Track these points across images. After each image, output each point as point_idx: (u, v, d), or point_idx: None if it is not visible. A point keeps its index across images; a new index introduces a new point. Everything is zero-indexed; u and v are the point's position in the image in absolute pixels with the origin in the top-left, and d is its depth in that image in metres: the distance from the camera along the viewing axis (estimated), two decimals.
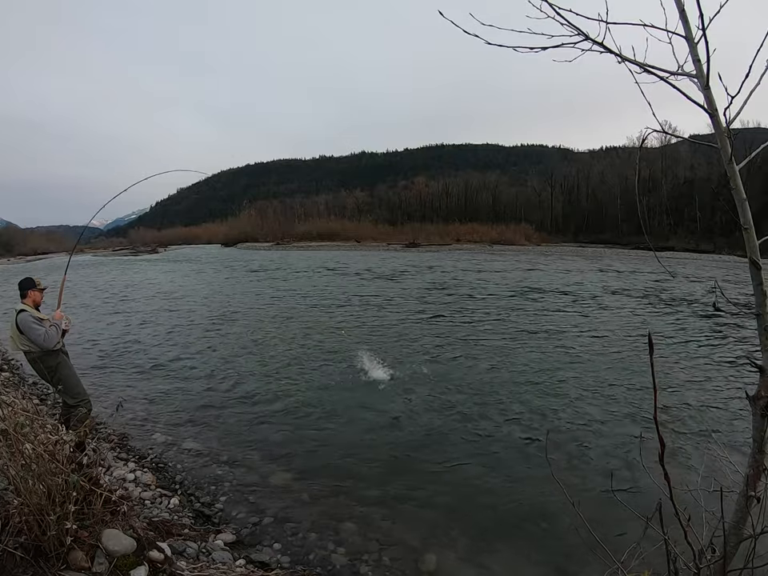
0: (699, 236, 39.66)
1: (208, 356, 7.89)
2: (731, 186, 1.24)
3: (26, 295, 3.84)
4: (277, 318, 11.29)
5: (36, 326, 3.62)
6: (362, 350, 7.47)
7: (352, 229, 59.36)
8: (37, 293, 3.92)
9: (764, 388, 1.24)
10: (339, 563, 2.96)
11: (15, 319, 3.67)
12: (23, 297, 3.84)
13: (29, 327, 3.61)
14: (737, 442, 4.48)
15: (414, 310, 12.06)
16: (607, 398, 5.76)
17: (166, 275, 24.25)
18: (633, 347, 8.09)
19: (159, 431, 4.90)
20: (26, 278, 3.95)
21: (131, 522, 2.27)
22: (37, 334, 3.61)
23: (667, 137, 39.16)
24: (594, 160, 64.21)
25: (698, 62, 1.23)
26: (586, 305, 12.68)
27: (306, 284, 18.46)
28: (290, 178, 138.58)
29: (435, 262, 28.68)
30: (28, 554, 1.86)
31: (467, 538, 3.19)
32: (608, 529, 2.89)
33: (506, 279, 19.11)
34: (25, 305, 3.78)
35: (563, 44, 1.34)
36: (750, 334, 8.91)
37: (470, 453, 4.42)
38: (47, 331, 3.65)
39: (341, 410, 5.46)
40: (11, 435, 1.98)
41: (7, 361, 7.47)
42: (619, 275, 20.81)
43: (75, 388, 3.83)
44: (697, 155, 46.17)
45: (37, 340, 3.61)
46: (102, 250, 60.08)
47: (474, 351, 7.94)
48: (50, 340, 3.65)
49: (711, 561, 1.38)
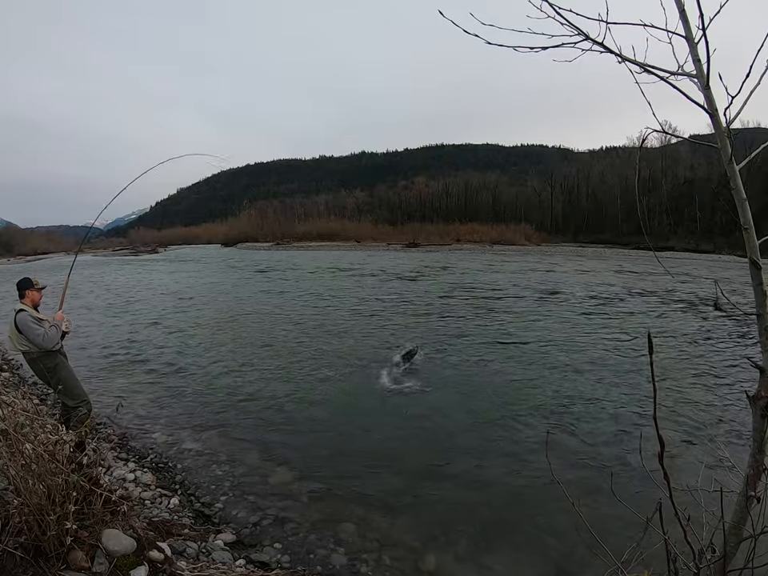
0: (699, 236, 39.64)
1: (209, 356, 7.89)
2: (731, 186, 1.24)
3: (24, 295, 3.82)
4: (280, 318, 11.29)
5: (35, 326, 3.60)
6: (363, 350, 7.47)
7: (352, 229, 59.35)
8: (35, 292, 3.89)
9: (764, 388, 1.24)
10: (339, 563, 2.96)
11: (14, 319, 3.66)
12: (21, 297, 3.82)
13: (27, 327, 3.59)
14: (737, 442, 4.48)
15: (422, 311, 12.06)
16: (607, 397, 5.76)
17: (168, 275, 24.24)
18: (633, 347, 8.09)
19: (159, 431, 4.90)
20: (24, 278, 3.93)
21: (131, 522, 2.27)
22: (36, 333, 3.59)
23: (667, 137, 39.16)
24: (593, 160, 64.17)
25: (698, 61, 1.23)
26: (586, 304, 12.68)
27: (317, 285, 18.28)
28: (289, 177, 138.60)
29: (446, 263, 28.66)
30: (28, 554, 1.86)
31: (467, 538, 3.19)
32: (608, 529, 2.89)
33: (526, 280, 19.06)
34: (23, 305, 3.76)
35: (563, 44, 1.34)
36: (750, 334, 8.91)
37: (470, 453, 4.42)
38: (46, 331, 3.63)
39: (341, 410, 5.47)
40: (11, 435, 1.98)
41: (7, 361, 7.47)
42: (624, 275, 20.81)
43: (74, 389, 3.81)
44: (697, 155, 46.16)
45: (35, 340, 3.59)
46: (102, 250, 60.06)
47: (476, 351, 7.94)
48: (49, 340, 3.63)
49: (711, 561, 1.38)
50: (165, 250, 54.70)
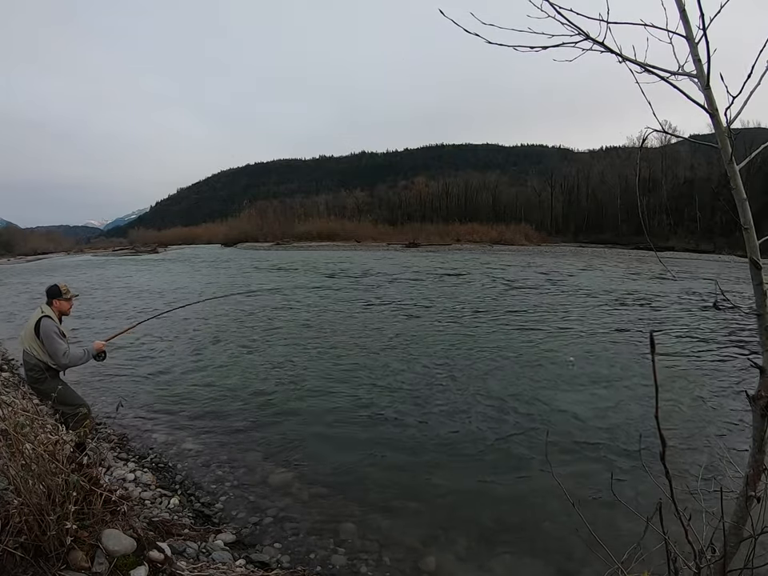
0: (699, 236, 39.69)
1: (209, 356, 7.89)
2: (731, 186, 1.24)
3: (51, 303, 3.59)
4: (280, 318, 11.29)
5: (58, 339, 3.38)
6: (363, 350, 7.47)
7: (352, 229, 59.38)
8: (63, 302, 3.62)
9: (764, 388, 1.24)
10: (339, 563, 2.95)
11: (37, 321, 3.41)
12: (49, 304, 3.59)
13: (50, 338, 3.36)
14: (737, 441, 4.48)
15: (421, 312, 12.06)
16: (607, 397, 5.75)
17: (169, 276, 24.24)
18: (633, 346, 8.09)
19: (159, 431, 4.89)
20: (53, 286, 3.66)
21: (131, 522, 2.27)
22: (57, 348, 3.35)
23: (667, 137, 39.17)
24: (593, 160, 64.26)
25: (699, 61, 1.23)
26: (586, 303, 12.68)
27: (315, 285, 18.42)
28: (289, 177, 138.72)
29: (445, 261, 28.67)
30: (28, 554, 1.86)
31: (467, 539, 3.18)
32: (608, 529, 2.89)
33: (525, 279, 19.08)
34: (51, 311, 3.53)
35: (564, 44, 1.34)
36: (750, 334, 8.91)
37: (471, 453, 4.42)
38: (70, 351, 3.41)
39: (341, 410, 5.46)
40: (11, 435, 1.98)
41: (7, 361, 7.47)
42: (624, 274, 20.81)
43: (69, 399, 3.55)
44: (697, 155, 46.21)
45: (55, 354, 3.34)
46: (101, 250, 60.10)
47: (474, 351, 7.94)
48: (69, 360, 3.40)
49: (711, 561, 1.38)
50: (165, 251, 54.67)
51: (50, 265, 33.66)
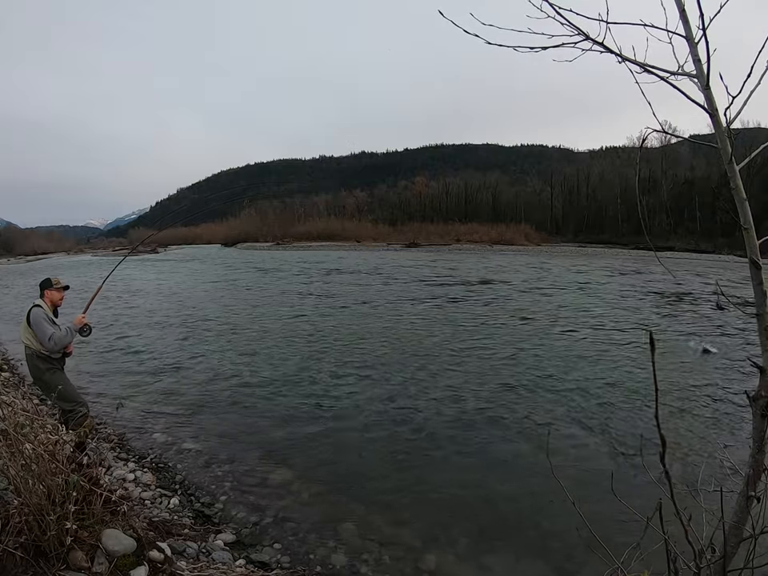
0: (699, 236, 39.66)
1: (209, 357, 7.89)
2: (731, 186, 1.23)
3: (43, 294, 3.76)
4: (281, 318, 11.29)
5: (46, 324, 3.53)
6: (363, 350, 7.47)
7: (352, 229, 59.41)
8: (54, 292, 3.77)
9: (764, 388, 1.24)
10: (339, 563, 2.96)
11: (28, 312, 3.60)
12: (41, 296, 3.76)
13: (38, 323, 3.53)
14: (737, 441, 4.48)
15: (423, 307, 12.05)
16: (607, 397, 5.75)
17: (170, 276, 24.23)
18: (633, 346, 8.09)
19: (159, 431, 4.89)
20: (45, 278, 3.85)
21: (131, 522, 2.27)
22: (44, 332, 3.50)
23: (667, 137, 39.15)
24: (593, 160, 64.28)
25: (699, 61, 1.23)
26: (585, 303, 12.68)
27: (315, 286, 18.41)
28: (289, 178, 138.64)
29: (444, 260, 28.66)
30: (28, 554, 1.86)
31: (467, 538, 3.18)
32: (608, 529, 2.89)
33: (523, 278, 19.08)
34: (41, 301, 3.70)
35: (563, 44, 1.34)
36: (750, 334, 8.90)
37: (471, 452, 4.42)
38: (55, 333, 3.53)
39: (341, 410, 5.46)
40: (11, 435, 1.98)
41: (7, 361, 7.48)
42: (623, 274, 20.80)
43: (68, 395, 3.62)
44: (697, 155, 46.18)
45: (42, 339, 3.51)
46: (101, 250, 60.15)
47: (473, 352, 7.94)
48: (55, 342, 3.51)
49: (711, 561, 1.38)
50: (165, 250, 54.68)
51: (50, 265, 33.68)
